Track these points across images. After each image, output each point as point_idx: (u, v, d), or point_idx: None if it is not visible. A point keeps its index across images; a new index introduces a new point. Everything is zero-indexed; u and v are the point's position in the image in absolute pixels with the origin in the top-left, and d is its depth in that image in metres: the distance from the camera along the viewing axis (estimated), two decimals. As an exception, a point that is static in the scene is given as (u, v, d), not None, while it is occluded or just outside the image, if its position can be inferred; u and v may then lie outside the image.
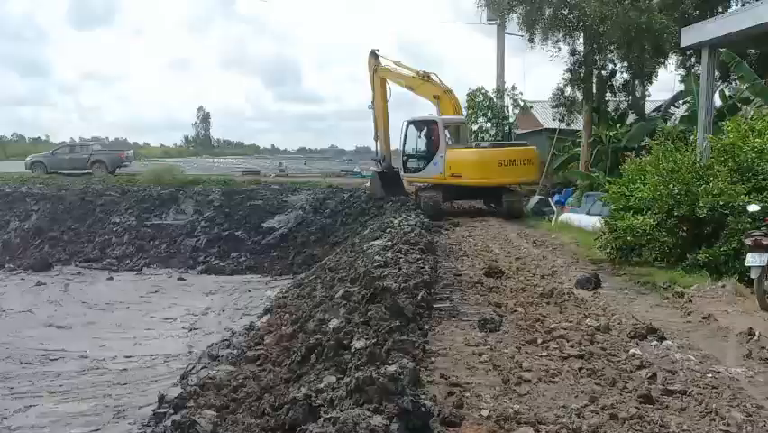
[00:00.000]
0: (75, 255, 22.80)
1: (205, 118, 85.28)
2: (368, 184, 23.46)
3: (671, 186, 8.71)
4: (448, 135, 18.57)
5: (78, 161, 31.93)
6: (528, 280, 8.55)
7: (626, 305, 7.08)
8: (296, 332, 8.46)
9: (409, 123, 19.29)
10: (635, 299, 7.47)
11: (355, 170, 35.34)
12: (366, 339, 5.36)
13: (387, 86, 20.79)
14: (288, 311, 11.80)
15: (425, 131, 18.99)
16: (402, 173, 20.62)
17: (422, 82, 19.45)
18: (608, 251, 9.60)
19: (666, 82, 29.24)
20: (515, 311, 6.67)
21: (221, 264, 21.66)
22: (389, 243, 11.60)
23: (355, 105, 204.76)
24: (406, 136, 19.37)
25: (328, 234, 21.32)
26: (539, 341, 5.53)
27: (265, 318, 13.59)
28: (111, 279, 20.74)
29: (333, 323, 7.32)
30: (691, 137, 11.54)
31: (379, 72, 20.61)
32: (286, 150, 79.17)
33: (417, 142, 19.44)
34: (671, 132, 12.86)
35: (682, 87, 20.23)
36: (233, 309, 17.14)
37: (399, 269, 8.71)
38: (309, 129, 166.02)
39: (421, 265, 8.73)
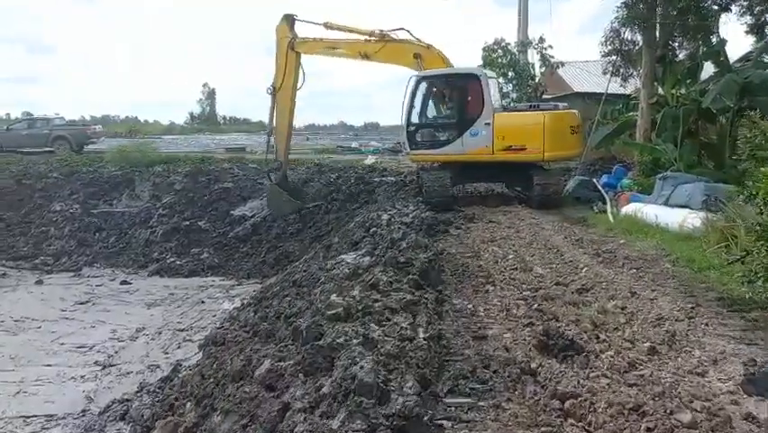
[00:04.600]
0: (2, 252, 18.79)
1: (210, 95, 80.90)
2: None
3: None
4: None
5: (38, 138, 28.49)
6: (632, 365, 4.03)
7: None
8: (195, 427, 5.34)
9: (420, 79, 13.83)
10: None
11: (353, 145, 30.78)
12: None
13: (300, 66, 15.89)
14: (223, 354, 7.97)
15: (455, 91, 14.07)
16: (405, 150, 15.07)
17: (382, 45, 14.34)
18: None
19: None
20: None
21: (178, 263, 17.68)
22: (366, 258, 7.16)
23: (363, 82, 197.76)
24: (413, 98, 13.89)
25: (309, 225, 17.10)
26: None
27: (197, 359, 9.95)
28: (40, 282, 16.93)
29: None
30: None
31: (297, 46, 15.61)
32: (294, 126, 74.68)
33: (437, 106, 14.55)
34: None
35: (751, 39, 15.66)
36: (173, 331, 12.98)
37: (365, 334, 4.31)
38: (318, 105, 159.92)
39: (408, 331, 4.28)
